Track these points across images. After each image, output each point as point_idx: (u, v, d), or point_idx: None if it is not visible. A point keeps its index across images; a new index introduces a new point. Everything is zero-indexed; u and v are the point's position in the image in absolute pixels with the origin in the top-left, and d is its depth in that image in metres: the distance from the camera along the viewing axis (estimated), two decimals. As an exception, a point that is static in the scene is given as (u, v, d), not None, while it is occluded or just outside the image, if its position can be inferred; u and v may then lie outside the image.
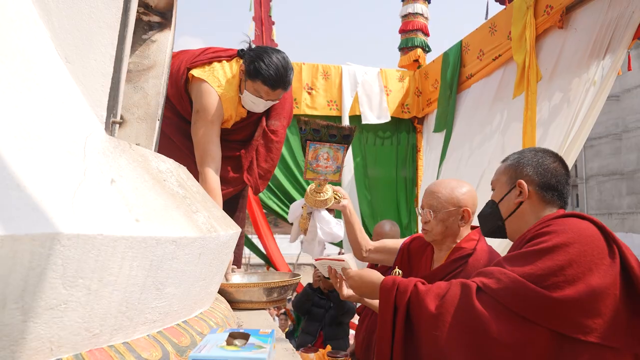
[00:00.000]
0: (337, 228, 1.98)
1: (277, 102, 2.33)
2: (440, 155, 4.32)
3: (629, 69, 3.36)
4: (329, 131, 1.84)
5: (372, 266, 2.69)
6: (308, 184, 4.54)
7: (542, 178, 1.39)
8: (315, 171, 1.88)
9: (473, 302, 1.20)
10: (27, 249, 0.71)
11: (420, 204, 1.88)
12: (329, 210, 2.01)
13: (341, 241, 4.18)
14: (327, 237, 1.95)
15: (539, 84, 3.17)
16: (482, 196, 1.80)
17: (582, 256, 1.16)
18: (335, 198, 1.96)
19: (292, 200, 4.60)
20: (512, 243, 1.46)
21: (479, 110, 3.92)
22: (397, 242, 2.03)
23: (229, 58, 2.28)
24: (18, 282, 0.71)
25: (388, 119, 4.72)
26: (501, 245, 2.86)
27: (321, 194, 1.93)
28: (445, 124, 4.31)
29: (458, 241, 1.76)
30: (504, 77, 3.71)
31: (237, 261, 2.49)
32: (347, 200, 2.00)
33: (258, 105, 2.25)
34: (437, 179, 4.30)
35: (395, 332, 1.31)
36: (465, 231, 1.77)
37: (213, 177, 2.14)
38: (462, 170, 3.92)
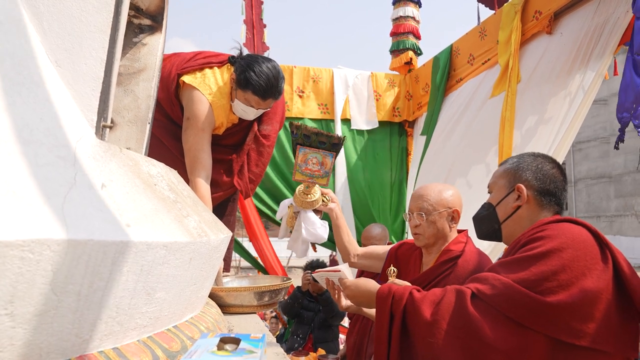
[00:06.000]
0: (322, 230, 2.01)
1: (269, 109, 2.33)
2: (420, 157, 4.34)
3: (615, 74, 3.40)
4: (318, 138, 1.89)
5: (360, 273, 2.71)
6: (297, 185, 4.51)
7: (541, 183, 1.40)
8: (304, 173, 1.93)
9: (468, 308, 1.20)
10: (17, 254, 0.71)
11: (407, 209, 1.90)
12: (316, 211, 2.03)
13: (334, 243, 4.18)
14: (310, 237, 1.98)
15: (519, 86, 3.20)
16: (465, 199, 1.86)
17: (575, 261, 1.17)
18: (323, 200, 1.99)
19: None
20: (499, 244, 1.47)
21: (461, 112, 3.94)
22: (385, 248, 2.04)
23: (220, 64, 2.26)
24: (7, 288, 0.71)
25: (376, 125, 4.76)
26: (489, 248, 2.88)
27: (309, 196, 1.97)
28: (430, 127, 4.34)
29: (447, 244, 1.77)
30: (485, 79, 3.74)
31: (226, 265, 2.48)
32: (335, 203, 2.03)
33: (249, 113, 2.25)
34: (415, 181, 4.32)
35: (392, 339, 1.31)
36: (453, 234, 1.79)
37: (203, 185, 2.13)
38: (440, 172, 3.94)
